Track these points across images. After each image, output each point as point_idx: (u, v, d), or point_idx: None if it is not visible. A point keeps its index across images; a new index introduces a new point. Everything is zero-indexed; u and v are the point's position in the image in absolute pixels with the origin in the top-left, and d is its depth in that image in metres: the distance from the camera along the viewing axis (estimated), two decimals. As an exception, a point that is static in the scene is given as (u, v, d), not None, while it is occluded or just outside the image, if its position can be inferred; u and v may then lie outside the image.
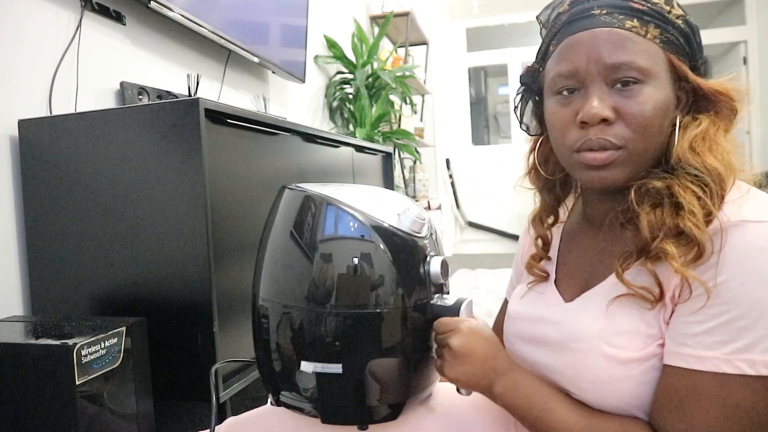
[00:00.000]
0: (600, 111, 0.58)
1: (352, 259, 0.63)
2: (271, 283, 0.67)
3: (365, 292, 0.63)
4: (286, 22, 2.30)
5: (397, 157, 3.59)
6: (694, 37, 0.61)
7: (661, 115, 0.59)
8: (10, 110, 1.20)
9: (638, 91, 0.58)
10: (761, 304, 0.50)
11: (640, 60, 0.57)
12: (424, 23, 4.20)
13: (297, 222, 0.66)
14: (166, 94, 1.58)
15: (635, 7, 0.59)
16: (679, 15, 0.60)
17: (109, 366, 0.89)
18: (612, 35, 0.58)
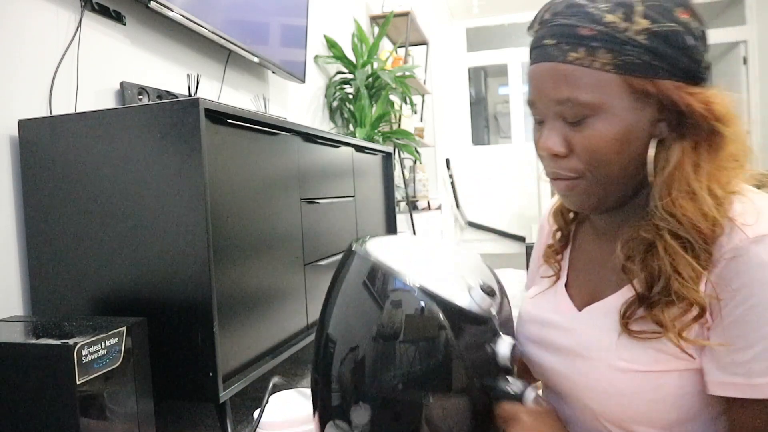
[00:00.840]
0: (550, 147, 0.59)
1: (416, 339, 0.60)
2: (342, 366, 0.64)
3: (427, 373, 0.60)
4: (286, 22, 2.30)
5: (397, 157, 3.59)
6: (669, 43, 0.55)
7: (617, 146, 0.56)
8: (10, 110, 1.20)
9: (587, 124, 0.57)
10: None
11: (584, 95, 0.55)
12: (424, 23, 4.20)
13: (365, 297, 0.64)
14: (166, 94, 1.58)
15: (582, 34, 0.55)
16: (642, 29, 0.54)
17: (110, 366, 0.89)
18: (554, 71, 0.57)
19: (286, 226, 1.44)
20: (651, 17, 0.54)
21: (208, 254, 1.05)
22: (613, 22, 0.54)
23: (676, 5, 0.56)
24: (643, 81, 0.55)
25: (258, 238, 1.29)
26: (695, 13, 0.57)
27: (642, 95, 0.56)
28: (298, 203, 1.52)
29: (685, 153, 0.56)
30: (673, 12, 0.55)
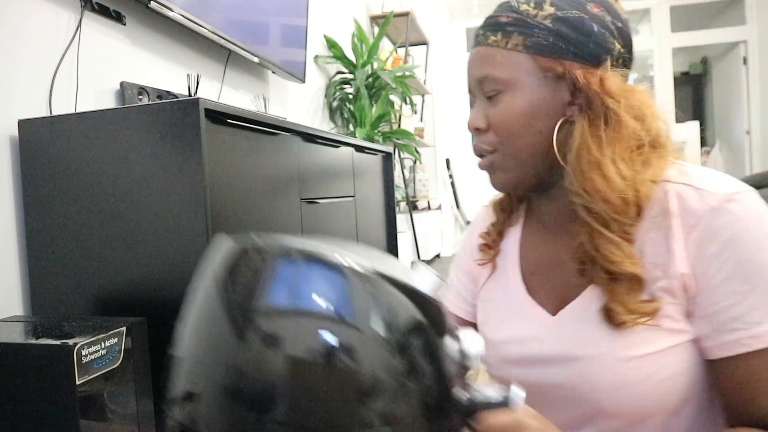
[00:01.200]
0: (471, 122, 0.66)
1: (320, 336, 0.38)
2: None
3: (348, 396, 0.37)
4: (286, 22, 2.30)
5: (397, 157, 3.59)
6: (573, 27, 0.60)
7: (525, 119, 0.61)
8: (10, 110, 1.20)
9: (499, 99, 0.63)
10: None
11: (497, 71, 0.62)
12: (424, 23, 4.20)
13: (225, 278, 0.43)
14: (166, 94, 1.58)
15: (501, 21, 0.63)
16: (548, 15, 0.61)
17: (110, 366, 0.89)
18: (478, 53, 0.65)
19: (286, 226, 1.44)
20: (557, 5, 0.61)
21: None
22: (526, 10, 0.62)
23: (587, 0, 0.62)
24: (550, 61, 0.60)
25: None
26: (610, 9, 0.62)
27: (551, 74, 0.61)
28: (298, 203, 1.52)
29: (585, 129, 0.60)
30: (584, 5, 0.61)
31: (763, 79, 5.51)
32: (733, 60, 5.83)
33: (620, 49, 0.62)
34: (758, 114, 5.55)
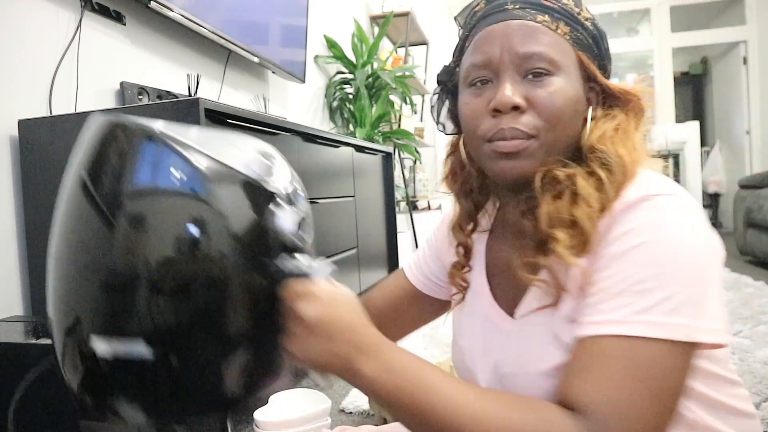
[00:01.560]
0: (512, 98, 0.58)
1: (159, 198, 0.47)
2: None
3: (173, 244, 0.47)
4: (286, 22, 2.30)
5: (397, 157, 3.59)
6: (602, 41, 0.63)
7: (571, 107, 0.59)
8: (10, 110, 1.20)
9: (549, 81, 0.58)
10: (665, 268, 0.49)
11: (551, 52, 0.58)
12: (424, 23, 4.20)
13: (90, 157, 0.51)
14: (166, 94, 1.58)
15: (547, 4, 0.61)
16: (588, 18, 0.62)
17: (109, 366, 0.88)
18: (524, 27, 0.59)
19: (286, 226, 1.44)
20: (592, 14, 0.63)
21: (208, 254, 1.05)
22: (568, 4, 0.61)
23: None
24: (588, 60, 0.61)
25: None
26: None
27: (584, 71, 0.61)
28: (298, 203, 1.52)
29: (621, 119, 0.61)
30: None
31: (763, 79, 5.51)
32: (733, 60, 5.84)
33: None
34: (758, 114, 5.55)
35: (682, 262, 0.49)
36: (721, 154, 5.95)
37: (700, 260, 0.50)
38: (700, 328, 0.48)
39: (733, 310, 2.31)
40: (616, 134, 0.59)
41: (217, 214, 0.48)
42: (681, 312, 0.48)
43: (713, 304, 0.50)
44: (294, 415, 1.08)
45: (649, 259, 0.50)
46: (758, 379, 1.52)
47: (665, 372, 0.48)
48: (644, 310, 0.49)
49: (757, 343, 1.85)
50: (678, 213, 0.52)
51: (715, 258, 0.52)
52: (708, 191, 5.82)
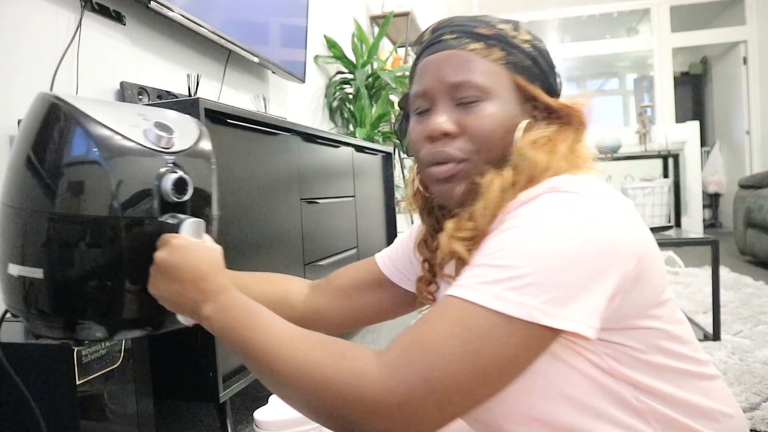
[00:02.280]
0: (441, 126, 0.63)
1: (62, 157, 0.63)
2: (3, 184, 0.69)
3: (73, 194, 0.63)
4: (286, 22, 2.30)
5: (397, 157, 3.59)
6: (544, 58, 0.65)
7: (502, 130, 0.62)
8: (10, 110, 1.20)
9: (479, 107, 0.62)
10: (527, 252, 0.51)
11: (481, 79, 0.62)
12: (424, 23, 4.20)
13: (25, 122, 0.67)
14: (166, 94, 1.58)
15: (481, 32, 0.64)
16: (526, 39, 0.65)
17: (110, 366, 0.89)
18: (455, 57, 0.63)
19: (286, 226, 1.44)
20: (532, 35, 0.66)
21: (208, 254, 1.05)
22: (504, 29, 0.65)
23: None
24: (525, 81, 0.64)
25: (258, 238, 1.29)
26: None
27: (522, 93, 0.64)
28: (298, 203, 1.52)
29: (554, 131, 0.63)
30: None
31: (763, 79, 5.51)
32: (733, 60, 5.83)
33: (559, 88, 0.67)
34: (758, 114, 5.55)
35: (548, 250, 0.50)
36: (721, 154, 5.95)
37: (573, 254, 0.50)
38: (545, 311, 0.49)
39: (733, 310, 2.31)
40: (541, 142, 0.61)
41: (103, 173, 0.63)
42: (527, 292, 0.49)
43: (583, 296, 0.50)
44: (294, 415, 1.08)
45: (515, 240, 0.52)
46: (758, 379, 1.52)
47: (493, 343, 0.49)
48: (493, 282, 0.50)
49: (757, 343, 1.85)
50: (568, 208, 0.53)
51: (604, 260, 0.51)
52: (708, 191, 5.82)
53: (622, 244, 0.53)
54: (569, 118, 0.64)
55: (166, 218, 0.66)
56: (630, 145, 4.37)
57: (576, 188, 0.54)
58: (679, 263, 3.47)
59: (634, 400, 0.56)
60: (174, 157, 0.69)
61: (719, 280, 1.93)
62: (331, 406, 0.51)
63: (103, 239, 0.64)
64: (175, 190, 0.67)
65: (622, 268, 0.52)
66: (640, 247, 0.54)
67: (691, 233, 2.69)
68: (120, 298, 0.66)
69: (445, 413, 0.50)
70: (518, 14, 5.90)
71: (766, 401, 1.39)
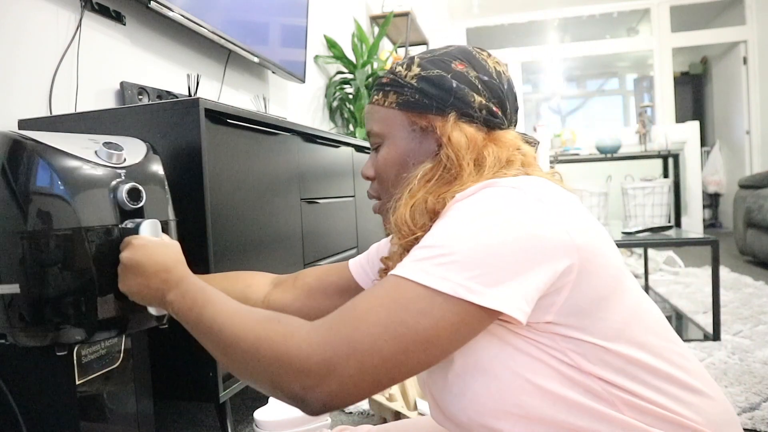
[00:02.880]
0: (363, 171, 0.75)
1: (28, 179, 0.73)
2: None
3: (40, 213, 0.73)
4: (286, 22, 2.30)
5: (397, 157, 3.59)
6: (436, 85, 0.67)
7: (396, 167, 0.70)
8: (10, 110, 1.20)
9: (381, 151, 0.72)
10: (456, 233, 0.54)
11: (376, 126, 0.71)
12: (424, 23, 4.20)
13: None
14: (166, 94, 1.58)
15: (383, 82, 0.72)
16: (414, 75, 0.68)
17: (109, 366, 0.88)
18: (367, 110, 0.74)
19: (286, 226, 1.44)
20: (423, 66, 0.68)
21: (208, 254, 1.05)
22: (399, 71, 0.70)
23: (453, 59, 0.68)
24: (416, 116, 0.68)
25: (258, 238, 1.29)
26: (476, 65, 0.68)
27: (417, 127, 0.68)
28: (298, 203, 1.52)
29: (425, 171, 0.66)
30: (449, 63, 0.68)
31: (763, 79, 5.50)
32: (733, 60, 5.83)
33: (482, 101, 0.66)
34: (758, 114, 5.54)
35: (479, 234, 0.53)
36: (721, 154, 5.94)
37: (504, 239, 0.52)
38: (469, 287, 0.51)
39: (733, 310, 2.31)
40: (410, 195, 0.65)
41: (65, 192, 0.73)
42: (453, 269, 0.52)
43: (511, 280, 0.52)
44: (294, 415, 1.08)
45: (449, 226, 0.55)
46: (758, 379, 1.52)
47: (416, 314, 0.51)
48: (423, 259, 0.54)
49: (757, 343, 1.85)
50: (503, 200, 0.55)
51: (535, 249, 0.53)
52: (708, 191, 5.82)
53: (556, 237, 0.54)
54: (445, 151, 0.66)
55: (125, 224, 0.77)
56: (630, 145, 4.36)
57: (513, 183, 0.57)
58: (679, 263, 3.47)
59: (603, 392, 0.56)
60: (125, 171, 0.80)
61: (719, 280, 1.93)
62: (261, 365, 0.54)
63: (71, 250, 0.73)
64: (130, 198, 0.78)
65: (555, 261, 0.53)
66: (580, 241, 0.55)
67: (691, 233, 2.69)
68: (93, 302, 0.75)
69: (366, 378, 0.51)
70: (518, 14, 5.90)
71: (766, 401, 1.39)
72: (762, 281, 2.86)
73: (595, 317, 0.56)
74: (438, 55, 0.69)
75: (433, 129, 0.67)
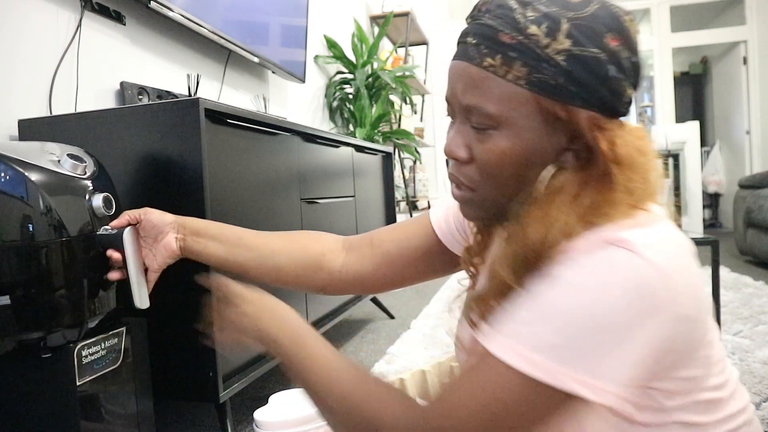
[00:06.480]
0: (453, 150, 0.57)
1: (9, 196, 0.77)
2: None
3: (21, 225, 0.77)
4: (286, 22, 2.30)
5: (397, 157, 3.59)
6: (590, 70, 0.51)
7: (516, 167, 0.55)
8: (10, 110, 1.20)
9: (488, 136, 0.54)
10: (567, 315, 0.47)
11: (491, 105, 0.53)
12: (424, 23, 4.20)
13: None
14: (166, 94, 1.58)
15: (503, 40, 0.52)
16: (562, 50, 0.51)
17: (110, 366, 0.88)
18: (467, 73, 0.55)
19: (286, 226, 1.44)
20: (575, 38, 0.51)
21: (208, 254, 1.05)
22: (536, 35, 0.51)
23: (607, 30, 0.52)
24: (554, 104, 0.52)
25: (258, 238, 1.29)
26: (629, 40, 0.53)
27: (551, 119, 0.53)
28: (298, 203, 1.52)
29: (571, 180, 0.54)
30: (603, 37, 0.52)
31: (763, 79, 5.51)
32: (733, 60, 5.83)
33: (631, 93, 0.55)
34: (758, 114, 5.54)
35: (591, 314, 0.47)
36: (721, 154, 5.94)
37: (613, 318, 0.46)
38: (577, 379, 0.46)
39: (733, 310, 2.31)
40: (553, 201, 0.53)
41: (44, 204, 0.77)
42: (560, 357, 0.47)
43: (612, 364, 0.47)
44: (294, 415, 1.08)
45: (559, 295, 0.48)
46: (758, 379, 1.52)
47: (516, 405, 0.48)
48: (528, 337, 0.48)
49: (757, 343, 1.85)
50: (623, 273, 0.47)
51: (646, 330, 0.47)
52: (708, 191, 5.82)
53: (667, 318, 0.48)
54: (596, 161, 0.53)
55: (103, 230, 0.82)
56: (630, 145, 4.36)
57: (638, 247, 0.47)
58: (679, 263, 3.47)
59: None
60: (92, 180, 0.85)
61: (719, 280, 1.93)
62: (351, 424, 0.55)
63: (54, 259, 0.78)
64: (105, 206, 0.84)
65: (662, 338, 0.49)
66: (690, 314, 0.50)
67: (691, 233, 2.68)
68: (81, 306, 0.80)
69: None
70: (518, 14, 5.89)
71: (766, 401, 1.39)
72: (762, 281, 2.86)
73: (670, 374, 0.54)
74: (587, 20, 0.52)
75: (573, 124, 0.52)
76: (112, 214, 0.86)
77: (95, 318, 0.84)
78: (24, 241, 0.77)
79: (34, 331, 0.78)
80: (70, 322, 0.80)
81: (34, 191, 0.77)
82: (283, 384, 1.56)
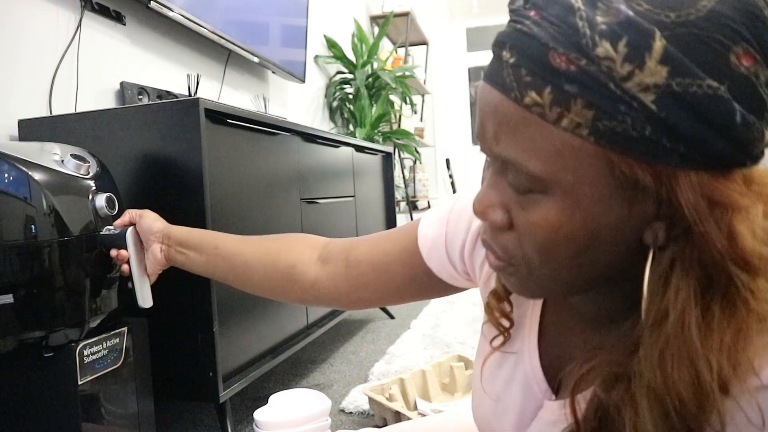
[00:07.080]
0: (484, 211, 0.41)
1: (13, 196, 0.78)
2: None
3: (25, 225, 0.77)
4: (286, 22, 2.30)
5: (397, 157, 3.59)
6: (698, 120, 0.32)
7: (573, 245, 0.37)
8: (10, 110, 1.20)
9: (535, 203, 0.37)
10: None
11: (534, 163, 0.35)
12: (424, 23, 4.21)
13: None
14: (166, 94, 1.58)
15: (555, 65, 0.33)
16: (654, 84, 0.32)
17: (111, 366, 0.89)
18: (501, 111, 0.36)
19: (286, 226, 1.44)
20: (675, 63, 0.31)
21: (208, 254, 1.05)
22: (610, 57, 0.32)
23: (735, 40, 0.32)
24: (636, 164, 0.34)
25: (258, 238, 1.29)
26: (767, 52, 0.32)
27: (628, 184, 0.35)
28: (298, 203, 1.52)
29: (689, 302, 0.35)
30: (726, 55, 0.31)
31: None
32: (732, 60, 5.83)
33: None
34: (758, 114, 5.55)
35: None
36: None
37: None
38: None
39: (732, 310, 2.31)
40: (682, 340, 0.35)
41: (49, 204, 0.78)
42: None
43: None
44: (294, 415, 1.08)
45: None
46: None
47: None
48: None
49: None
50: None
51: None
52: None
53: None
54: (710, 260, 0.34)
55: (106, 230, 0.84)
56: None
57: None
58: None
59: None
60: (94, 180, 0.86)
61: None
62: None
63: (57, 258, 0.78)
64: (108, 206, 0.85)
65: None
66: None
67: None
68: (83, 305, 0.81)
69: None
70: (518, 14, 5.89)
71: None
72: (762, 281, 2.86)
73: None
74: (697, 26, 0.31)
75: (665, 191, 0.34)
76: (115, 214, 0.87)
77: (97, 318, 0.84)
78: (27, 240, 0.77)
79: (36, 331, 0.78)
80: (71, 322, 0.80)
81: (37, 191, 0.77)
82: (283, 384, 1.56)
